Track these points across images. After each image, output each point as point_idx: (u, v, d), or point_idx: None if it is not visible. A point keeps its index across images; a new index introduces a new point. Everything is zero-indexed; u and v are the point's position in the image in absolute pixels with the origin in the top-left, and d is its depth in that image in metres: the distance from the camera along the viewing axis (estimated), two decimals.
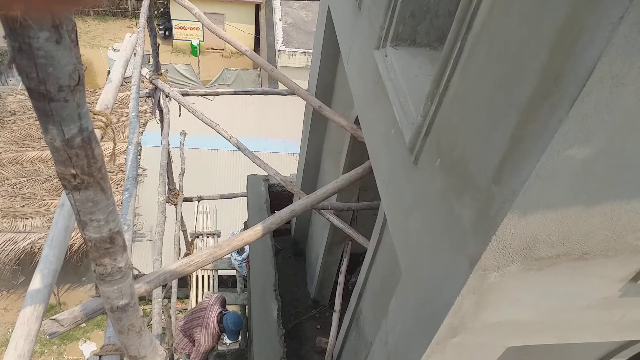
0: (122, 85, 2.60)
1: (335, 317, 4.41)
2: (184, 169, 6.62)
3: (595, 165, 1.34)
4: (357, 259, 4.89)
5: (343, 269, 4.61)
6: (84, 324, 11.36)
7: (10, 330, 12.07)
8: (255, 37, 20.31)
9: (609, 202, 1.45)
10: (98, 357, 2.20)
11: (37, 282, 1.66)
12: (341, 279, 4.56)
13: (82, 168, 0.95)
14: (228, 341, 6.98)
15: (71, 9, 0.41)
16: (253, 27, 20.41)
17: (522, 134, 1.39)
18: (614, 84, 1.17)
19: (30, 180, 12.44)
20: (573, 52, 1.20)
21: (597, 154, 1.32)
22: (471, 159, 1.67)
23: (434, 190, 1.94)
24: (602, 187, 1.41)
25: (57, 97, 0.82)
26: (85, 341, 12.20)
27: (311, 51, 4.88)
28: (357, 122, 3.51)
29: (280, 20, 17.44)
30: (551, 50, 1.27)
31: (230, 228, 9.51)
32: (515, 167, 1.43)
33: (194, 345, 5.50)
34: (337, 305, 4.42)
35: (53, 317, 1.80)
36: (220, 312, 5.48)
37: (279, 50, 16.50)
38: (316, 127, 4.95)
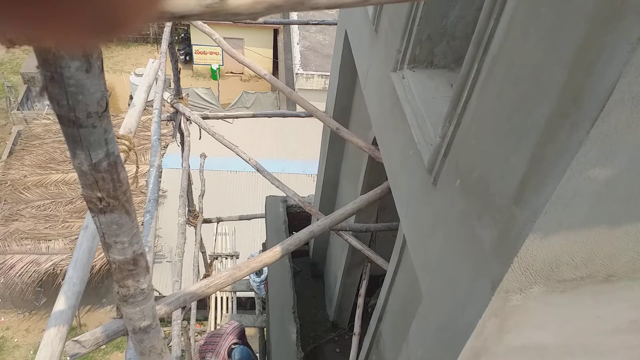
0: (144, 109, 2.66)
1: (354, 340, 4.35)
2: (204, 190, 6.70)
3: (618, 185, 1.32)
4: (376, 281, 4.84)
5: (362, 291, 4.57)
6: (104, 346, 11.40)
7: (31, 352, 12.17)
8: (273, 60, 20.63)
9: (633, 223, 1.43)
10: None
11: (61, 303, 1.69)
12: (360, 301, 4.51)
13: (107, 191, 0.98)
14: None
15: (103, 42, 0.43)
16: (271, 51, 20.75)
17: (542, 154, 1.39)
18: (634, 104, 1.17)
19: (54, 203, 12.70)
20: (592, 72, 1.20)
21: (619, 174, 1.30)
22: (491, 180, 1.67)
23: (454, 211, 1.93)
24: (625, 208, 1.39)
25: (85, 123, 0.85)
26: None
27: (329, 74, 4.93)
28: (374, 143, 3.52)
29: (298, 44, 17.71)
30: (570, 70, 1.28)
31: (249, 249, 9.52)
32: (536, 188, 1.42)
33: None
34: (357, 328, 4.37)
35: (75, 338, 1.82)
36: (233, 343, 5.47)
37: (297, 74, 16.72)
38: (334, 149, 4.98)
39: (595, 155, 1.26)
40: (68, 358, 1.83)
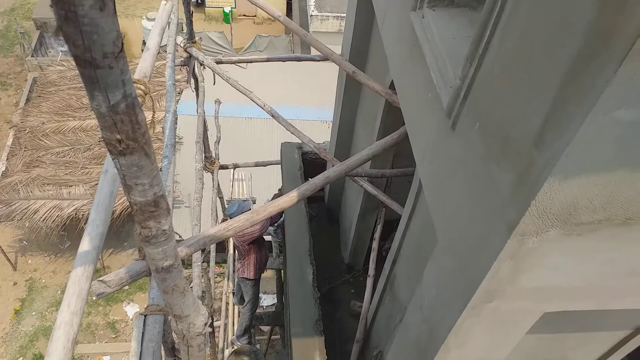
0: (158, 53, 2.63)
1: (369, 281, 4.46)
2: (220, 137, 6.71)
3: None
4: (390, 225, 4.90)
5: (377, 235, 4.64)
6: (127, 287, 11.88)
7: (59, 292, 12.76)
8: (287, 2, 20.03)
9: None
10: (143, 316, 2.31)
11: (85, 244, 1.74)
12: (375, 245, 4.59)
13: (126, 133, 0.98)
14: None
15: None
16: None
17: (566, 95, 1.35)
18: None
19: (72, 150, 12.88)
20: (623, 7, 1.14)
21: None
22: (511, 123, 1.64)
23: (472, 155, 1.92)
24: None
25: (102, 63, 0.85)
26: (128, 303, 12.80)
27: (344, 15, 4.79)
28: (392, 87, 3.46)
29: None
30: (599, 6, 1.22)
31: (265, 195, 9.65)
32: (557, 130, 1.39)
33: (245, 262, 5.97)
34: (371, 271, 4.47)
35: (100, 278, 1.89)
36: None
37: (311, 15, 16.26)
38: (350, 93, 4.91)
39: (621, 96, 1.23)
40: (94, 297, 1.91)
